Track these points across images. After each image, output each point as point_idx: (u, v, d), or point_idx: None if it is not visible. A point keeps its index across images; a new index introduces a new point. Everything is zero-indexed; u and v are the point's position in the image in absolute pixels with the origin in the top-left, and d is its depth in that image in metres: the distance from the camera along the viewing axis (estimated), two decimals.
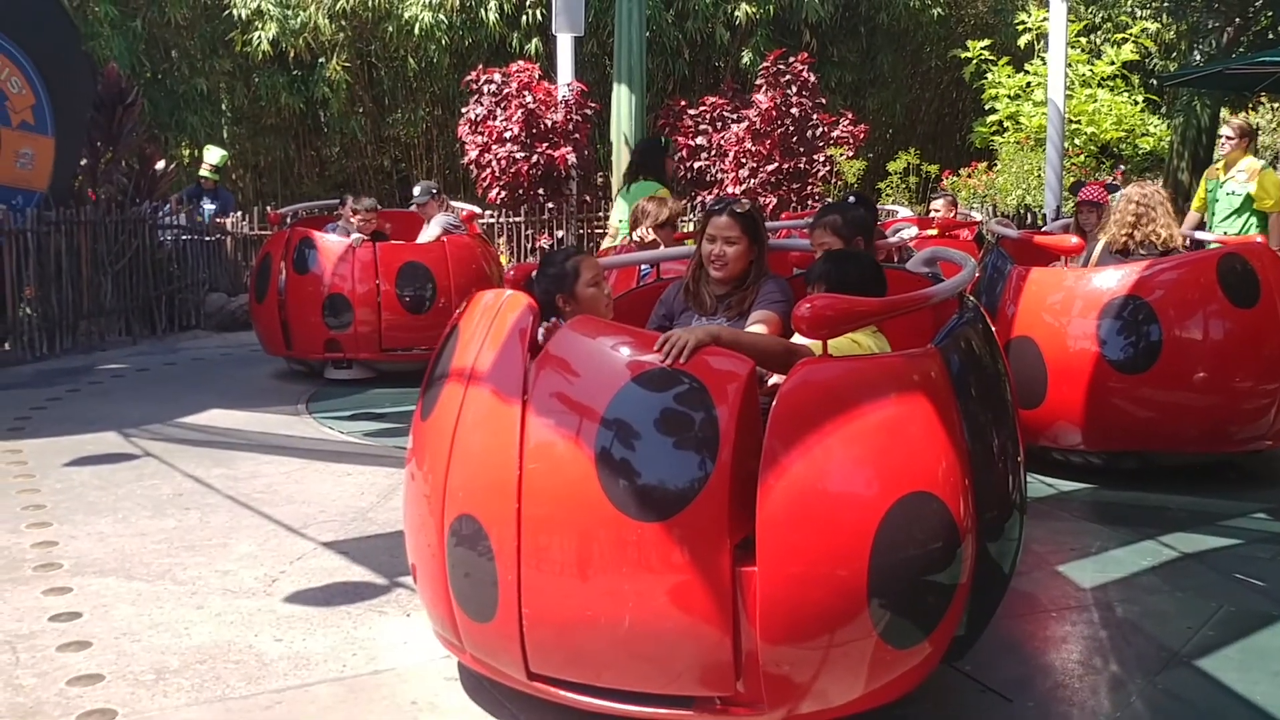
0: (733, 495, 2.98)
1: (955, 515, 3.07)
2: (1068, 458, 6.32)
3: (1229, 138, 9.67)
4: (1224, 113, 20.57)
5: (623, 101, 14.03)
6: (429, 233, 9.49)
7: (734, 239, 4.17)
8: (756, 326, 3.93)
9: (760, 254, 4.25)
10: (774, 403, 3.05)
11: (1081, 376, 5.99)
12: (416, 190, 10.09)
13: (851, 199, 4.73)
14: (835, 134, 14.10)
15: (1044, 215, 13.61)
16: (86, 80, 11.39)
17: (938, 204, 11.04)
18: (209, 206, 13.33)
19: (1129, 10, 18.11)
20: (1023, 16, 17.25)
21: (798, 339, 3.51)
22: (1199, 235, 7.93)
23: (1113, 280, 6.06)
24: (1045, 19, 15.44)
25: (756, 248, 4.23)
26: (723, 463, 2.97)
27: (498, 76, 13.76)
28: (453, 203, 10.51)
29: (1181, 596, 4.60)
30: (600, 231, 14.04)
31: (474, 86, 13.88)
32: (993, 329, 3.93)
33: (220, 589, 4.60)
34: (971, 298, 3.96)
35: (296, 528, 5.37)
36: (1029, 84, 16.22)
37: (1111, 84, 16.33)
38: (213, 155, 13.82)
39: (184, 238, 12.40)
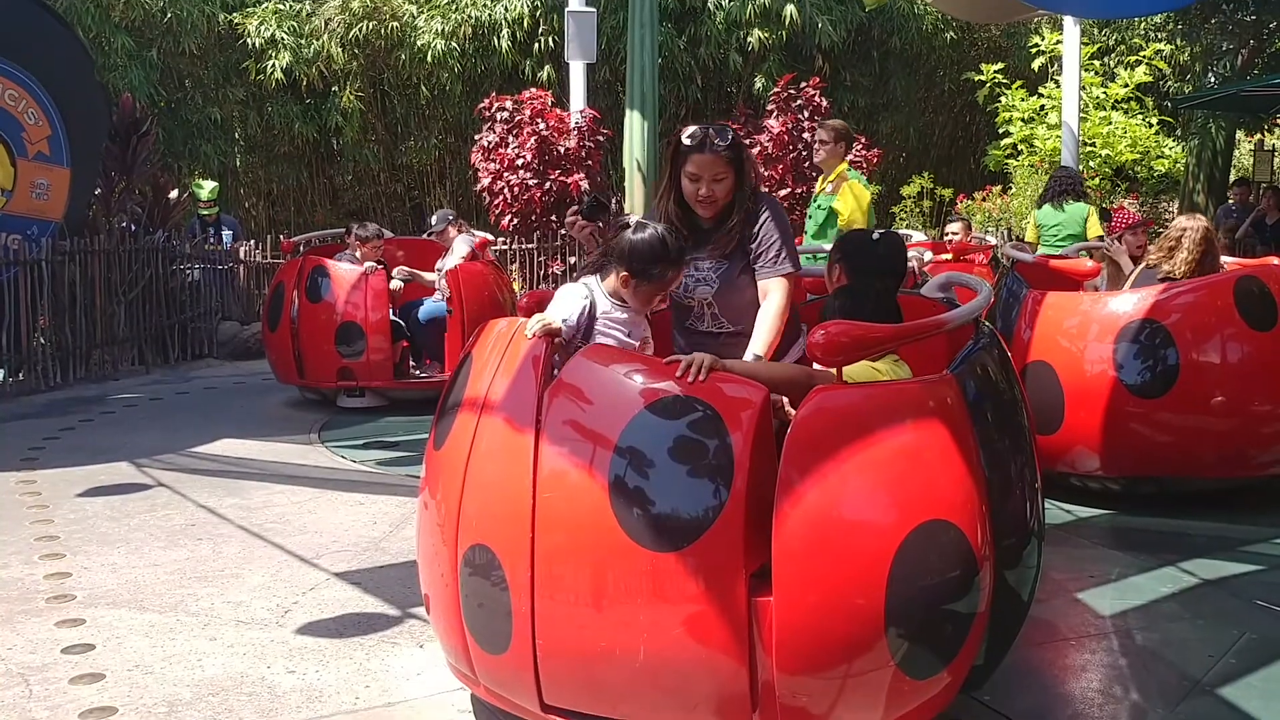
0: (748, 524, 2.95)
1: (973, 543, 3.04)
2: (1086, 483, 6.27)
3: (822, 141, 7.89)
4: (1240, 134, 20.54)
5: (635, 128, 14.04)
6: (455, 254, 9.50)
7: (720, 175, 3.93)
8: (768, 306, 3.89)
9: (742, 183, 4.00)
10: (789, 429, 3.03)
11: (1099, 401, 5.95)
12: (434, 219, 10.11)
13: (875, 235, 4.60)
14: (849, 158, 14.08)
15: None
16: (102, 111, 11.45)
17: (953, 227, 11.03)
18: (226, 233, 13.40)
19: (1142, 33, 18.12)
20: (1036, 40, 17.28)
21: (817, 366, 3.47)
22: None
23: (1129, 304, 6.03)
24: (1058, 42, 15.48)
25: (740, 179, 3.99)
26: (737, 491, 2.95)
27: (510, 104, 13.81)
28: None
29: (1202, 624, 4.55)
30: None
31: (486, 114, 13.93)
32: (1009, 354, 3.90)
33: (233, 620, 4.58)
34: (987, 323, 3.93)
35: (309, 558, 5.35)
36: (1043, 107, 16.24)
37: (1126, 106, 16.34)
38: (203, 190, 13.84)
39: (198, 267, 12.44)
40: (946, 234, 11.10)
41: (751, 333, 3.93)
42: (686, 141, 3.96)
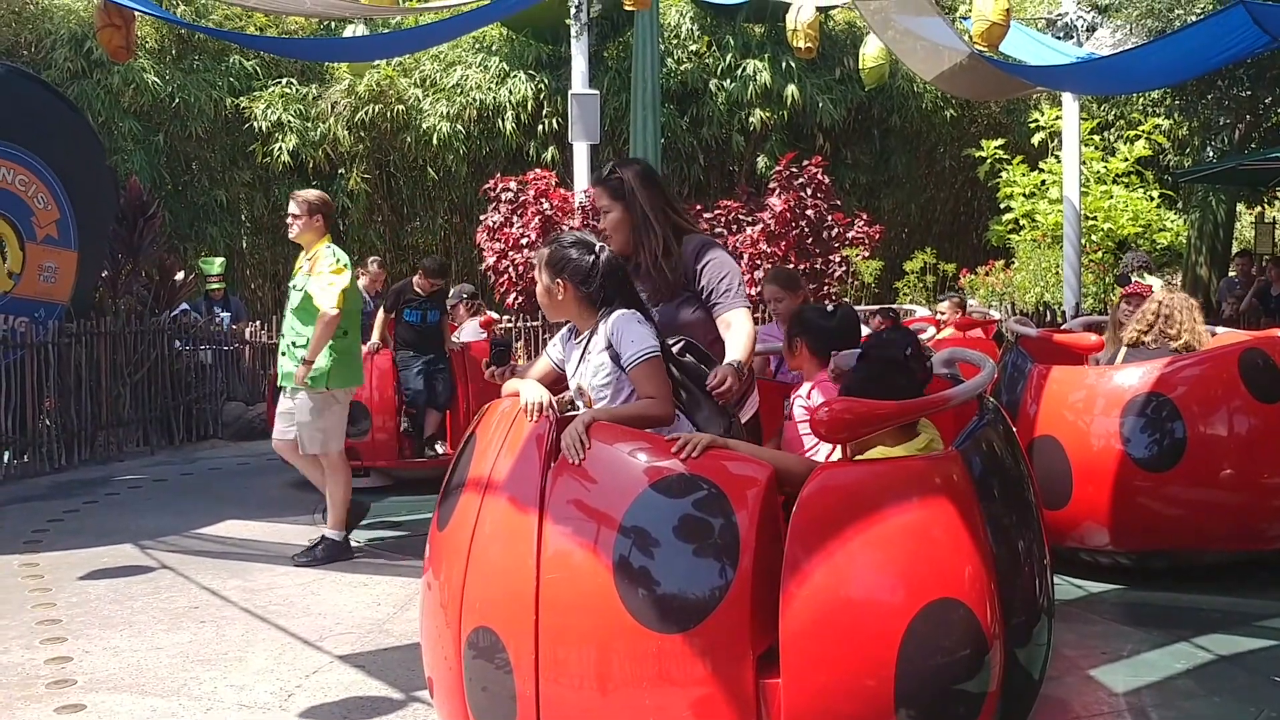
0: (754, 604, 2.92)
1: (982, 621, 3.00)
2: (1096, 558, 6.21)
3: (294, 215, 6.76)
4: (1240, 207, 20.62)
5: None
6: (465, 333, 9.57)
7: (606, 208, 3.93)
8: (738, 327, 3.88)
9: (633, 214, 3.99)
10: (794, 508, 3.00)
11: (1107, 475, 5.91)
12: (451, 291, 10.23)
13: (830, 308, 4.64)
14: (851, 235, 14.18)
15: (1064, 313, 13.61)
16: (109, 195, 11.56)
17: (942, 306, 11.17)
18: (225, 315, 13.51)
19: (1141, 107, 18.29)
20: (1035, 115, 17.43)
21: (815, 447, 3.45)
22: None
23: (1135, 378, 6.01)
24: (1058, 117, 15.61)
25: (632, 213, 3.98)
26: (744, 570, 2.92)
27: (515, 184, 13.92)
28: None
29: (1219, 701, 4.47)
30: None
31: (491, 194, 14.04)
32: (1013, 430, 3.88)
33: (235, 704, 4.52)
34: (991, 399, 3.92)
35: (313, 640, 5.29)
36: (1044, 182, 16.34)
37: (1126, 180, 16.42)
38: (213, 265, 14.11)
39: (202, 348, 12.49)
40: (938, 313, 11.21)
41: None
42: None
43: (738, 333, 3.96)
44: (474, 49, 17.22)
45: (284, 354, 6.87)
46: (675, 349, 3.70)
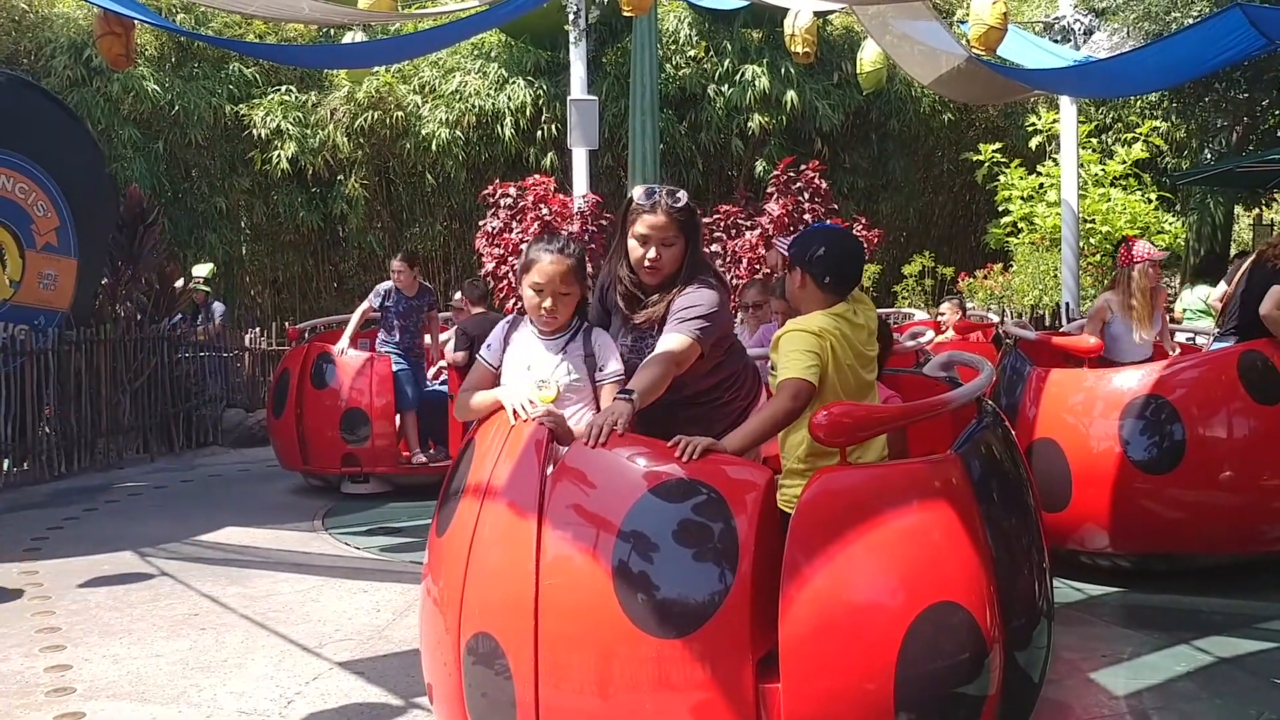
0: (754, 609, 2.92)
1: (982, 625, 3.00)
2: (1096, 561, 6.21)
3: None
4: (1238, 209, 20.64)
5: None
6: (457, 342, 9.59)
7: (670, 240, 3.78)
8: (658, 348, 3.71)
9: (694, 252, 3.87)
10: (794, 512, 3.01)
11: (1106, 478, 5.92)
12: (457, 296, 10.31)
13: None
14: None
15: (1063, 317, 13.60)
16: (109, 202, 11.55)
17: (943, 308, 11.25)
18: (217, 306, 13.74)
19: (1138, 110, 18.29)
20: (1033, 119, 17.44)
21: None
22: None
23: (1134, 380, 6.02)
24: (1055, 121, 15.61)
25: (691, 246, 3.86)
26: (743, 574, 2.92)
27: (514, 190, 13.92)
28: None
29: (1220, 704, 4.47)
30: None
31: (491, 200, 14.03)
32: (1012, 432, 3.88)
33: (235, 711, 4.52)
34: (990, 402, 3.92)
35: (312, 647, 5.29)
36: (1042, 185, 16.34)
37: (1124, 183, 16.43)
38: (201, 270, 14.22)
39: (202, 354, 12.51)
40: (937, 315, 11.28)
41: (680, 398, 3.81)
42: (639, 199, 3.82)
43: (652, 355, 3.68)
44: (472, 55, 17.23)
45: None
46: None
